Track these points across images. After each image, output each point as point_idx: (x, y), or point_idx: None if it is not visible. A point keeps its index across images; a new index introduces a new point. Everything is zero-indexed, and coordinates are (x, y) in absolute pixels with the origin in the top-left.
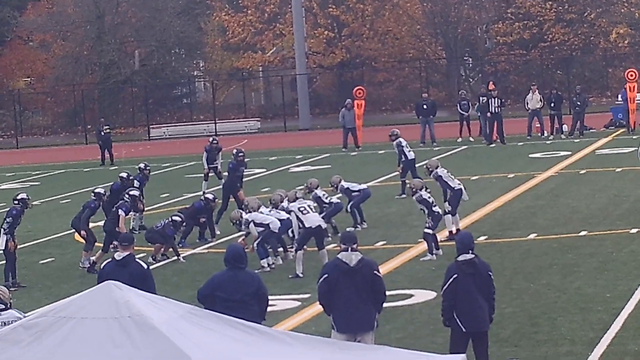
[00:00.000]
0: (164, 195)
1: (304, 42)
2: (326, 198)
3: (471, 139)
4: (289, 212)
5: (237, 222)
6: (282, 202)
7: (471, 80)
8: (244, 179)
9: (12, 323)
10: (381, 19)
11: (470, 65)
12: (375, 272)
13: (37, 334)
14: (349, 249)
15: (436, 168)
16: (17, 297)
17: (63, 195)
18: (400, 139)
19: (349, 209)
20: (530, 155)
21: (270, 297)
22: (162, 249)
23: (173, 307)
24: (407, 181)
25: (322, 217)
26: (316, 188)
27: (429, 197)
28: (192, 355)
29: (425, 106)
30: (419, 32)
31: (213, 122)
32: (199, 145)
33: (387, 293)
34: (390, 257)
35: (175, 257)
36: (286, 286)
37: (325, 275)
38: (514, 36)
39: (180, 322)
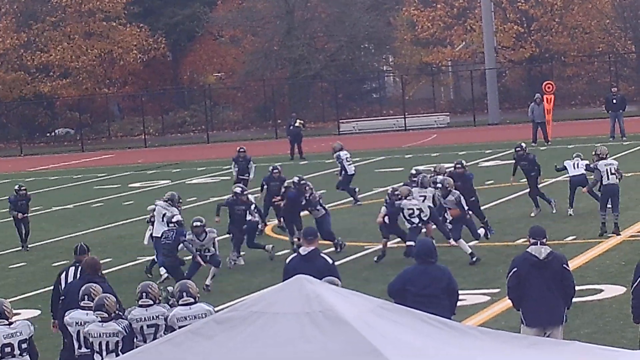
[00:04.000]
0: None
1: (493, 37)
2: None
3: None
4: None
5: None
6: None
7: None
8: None
9: (202, 316)
10: (570, 13)
11: None
12: (564, 265)
13: (229, 329)
14: (539, 242)
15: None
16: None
17: (253, 190)
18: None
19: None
20: None
21: (460, 292)
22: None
23: (363, 301)
24: None
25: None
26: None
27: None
28: (383, 350)
29: (614, 100)
30: (609, 26)
31: (402, 116)
32: (389, 140)
33: (577, 288)
34: (580, 252)
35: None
36: (476, 280)
37: (515, 269)
38: None
39: (371, 316)
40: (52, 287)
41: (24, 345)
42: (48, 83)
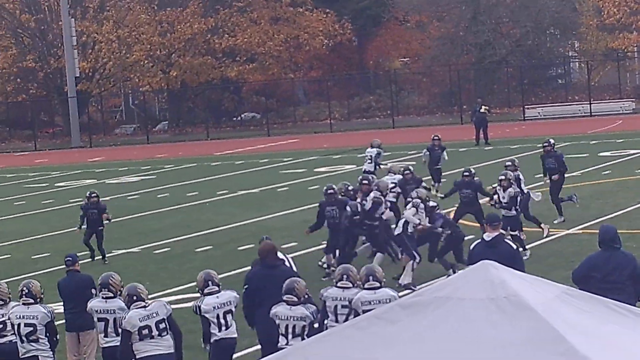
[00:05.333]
0: (539, 176)
1: None
2: None
3: None
4: None
5: None
6: None
7: None
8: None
9: (387, 301)
10: None
11: None
12: None
13: (414, 314)
14: None
15: None
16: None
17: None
18: None
19: None
20: None
21: None
22: None
23: (548, 287)
24: None
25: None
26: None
27: None
28: (568, 336)
29: None
30: None
31: (588, 102)
32: (574, 126)
33: None
34: None
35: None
36: None
37: None
38: None
39: (556, 302)
40: (236, 270)
41: (162, 325)
42: (235, 68)
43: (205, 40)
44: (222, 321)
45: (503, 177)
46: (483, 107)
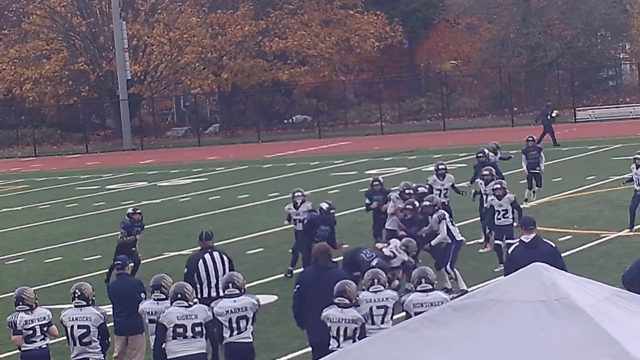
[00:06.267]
0: (589, 178)
1: None
2: None
3: None
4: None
5: None
6: None
7: None
8: None
9: (439, 304)
10: None
11: None
12: None
13: (465, 316)
14: None
15: None
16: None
17: None
18: None
19: None
20: None
21: None
22: None
23: (598, 289)
24: None
25: None
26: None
27: None
28: (619, 338)
29: None
30: None
31: (639, 104)
32: (625, 128)
33: None
34: None
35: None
36: None
37: None
38: None
39: (606, 304)
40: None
41: (198, 329)
42: (286, 70)
43: (256, 43)
44: (235, 325)
45: (498, 186)
46: (555, 111)
